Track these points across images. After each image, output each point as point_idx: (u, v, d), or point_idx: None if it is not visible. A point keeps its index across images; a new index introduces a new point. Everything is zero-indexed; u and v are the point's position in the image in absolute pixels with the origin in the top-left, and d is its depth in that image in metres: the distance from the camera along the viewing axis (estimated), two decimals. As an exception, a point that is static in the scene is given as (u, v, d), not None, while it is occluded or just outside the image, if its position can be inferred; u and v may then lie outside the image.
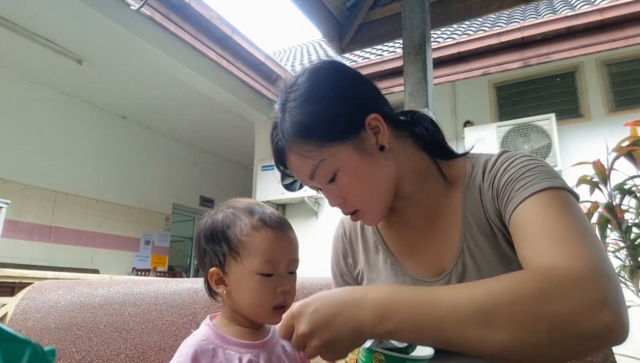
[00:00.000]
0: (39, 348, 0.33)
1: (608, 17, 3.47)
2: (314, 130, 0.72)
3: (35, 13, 3.91)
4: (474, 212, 0.74)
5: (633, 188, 1.65)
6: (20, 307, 1.13)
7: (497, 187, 0.70)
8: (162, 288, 1.17)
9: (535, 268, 0.56)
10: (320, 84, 0.76)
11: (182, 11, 3.51)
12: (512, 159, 0.71)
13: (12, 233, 4.65)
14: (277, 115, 0.78)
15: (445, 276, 0.74)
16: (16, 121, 4.86)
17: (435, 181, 0.80)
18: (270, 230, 0.73)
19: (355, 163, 0.73)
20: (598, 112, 3.85)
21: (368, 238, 0.88)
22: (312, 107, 0.73)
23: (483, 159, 0.78)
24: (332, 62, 0.82)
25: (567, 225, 0.58)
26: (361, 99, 0.77)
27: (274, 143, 0.77)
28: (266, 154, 5.12)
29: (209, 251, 0.75)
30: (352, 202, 0.76)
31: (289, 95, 0.77)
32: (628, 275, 1.67)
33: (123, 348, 1.05)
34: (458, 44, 4.01)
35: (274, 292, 0.71)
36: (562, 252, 0.54)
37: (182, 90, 5.03)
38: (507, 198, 0.67)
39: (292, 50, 7.98)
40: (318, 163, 0.72)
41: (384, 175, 0.76)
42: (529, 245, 0.60)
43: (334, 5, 2.43)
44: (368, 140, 0.74)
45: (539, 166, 0.67)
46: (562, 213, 0.60)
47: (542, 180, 0.64)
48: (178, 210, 6.97)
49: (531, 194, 0.63)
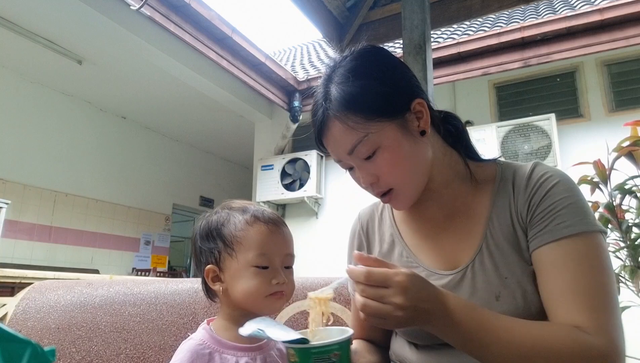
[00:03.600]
0: (39, 348, 0.33)
1: (608, 17, 3.46)
2: (363, 103, 0.72)
3: (35, 13, 3.91)
4: (499, 215, 0.76)
5: (633, 188, 1.64)
6: (20, 307, 1.13)
7: (534, 209, 0.72)
8: (162, 288, 1.17)
9: (573, 331, 0.63)
10: (371, 62, 0.78)
11: (182, 11, 3.51)
12: (552, 182, 0.73)
13: (12, 233, 4.65)
14: (320, 89, 0.78)
15: (460, 270, 0.76)
16: (16, 121, 4.86)
17: (462, 179, 0.82)
18: (264, 224, 0.75)
19: (399, 142, 0.74)
20: (598, 112, 3.84)
21: (385, 232, 0.90)
22: (362, 81, 0.74)
23: (513, 167, 0.80)
24: (379, 46, 0.84)
25: (595, 285, 0.66)
26: (408, 82, 0.79)
27: (317, 114, 0.77)
28: (266, 154, 5.12)
29: (205, 250, 0.77)
30: (388, 181, 0.77)
31: (336, 70, 0.77)
32: (628, 275, 1.67)
33: (123, 348, 1.05)
34: (458, 44, 4.01)
35: (269, 283, 0.72)
36: (595, 321, 0.63)
37: (182, 90, 5.03)
38: (542, 228, 0.70)
39: (292, 50, 7.97)
40: (362, 137, 0.73)
41: (423, 159, 0.77)
42: (560, 290, 0.67)
43: (334, 5, 2.43)
44: (412, 122, 0.76)
45: (577, 201, 0.71)
46: (593, 267, 0.66)
47: (579, 221, 0.69)
48: (178, 210, 6.97)
49: (568, 236, 0.68)
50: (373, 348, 0.85)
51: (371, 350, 0.84)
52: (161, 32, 3.56)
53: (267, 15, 49.23)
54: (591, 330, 0.63)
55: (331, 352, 0.61)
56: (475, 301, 0.72)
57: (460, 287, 0.74)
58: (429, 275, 0.78)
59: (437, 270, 0.78)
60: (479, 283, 0.73)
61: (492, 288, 0.72)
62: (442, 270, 0.78)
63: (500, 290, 0.71)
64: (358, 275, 0.61)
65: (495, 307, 0.70)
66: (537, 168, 0.76)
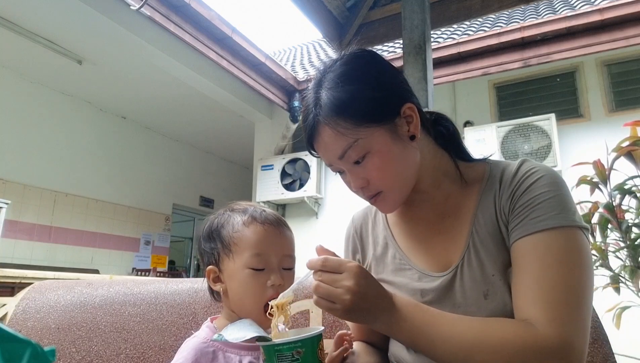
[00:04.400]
0: (39, 348, 0.33)
1: (608, 17, 3.46)
2: (353, 109, 0.73)
3: (35, 13, 3.91)
4: (484, 212, 0.76)
5: (633, 188, 1.65)
6: (20, 307, 1.13)
7: (515, 203, 0.73)
8: (162, 288, 1.17)
9: (520, 324, 0.64)
10: (361, 67, 0.77)
11: (182, 11, 3.51)
12: (535, 178, 0.73)
13: (12, 233, 4.65)
14: (310, 94, 0.78)
15: (451, 271, 0.76)
16: (16, 121, 4.86)
17: (452, 180, 0.82)
18: (260, 225, 0.75)
19: (388, 147, 0.74)
20: (598, 112, 3.85)
21: (378, 235, 0.90)
22: (352, 86, 0.74)
23: (502, 165, 0.80)
24: (369, 50, 0.83)
25: (558, 280, 0.64)
26: (398, 87, 0.79)
27: (308, 119, 0.77)
28: (266, 154, 5.12)
29: (207, 251, 0.77)
30: (376, 185, 0.77)
31: (325, 75, 0.77)
32: (628, 275, 1.67)
33: (123, 348, 1.05)
34: (458, 44, 4.01)
35: (263, 285, 0.72)
36: (548, 314, 0.62)
37: (182, 90, 5.03)
38: (519, 222, 0.70)
39: (292, 50, 7.97)
40: (352, 142, 0.73)
41: (411, 163, 0.78)
42: (524, 285, 0.67)
43: (334, 5, 2.43)
44: (401, 127, 0.76)
45: (557, 196, 0.70)
46: (561, 262, 0.65)
47: (556, 215, 0.68)
48: (178, 210, 6.97)
49: (541, 230, 0.67)
50: (372, 350, 0.85)
51: (370, 351, 0.84)
52: (161, 32, 3.56)
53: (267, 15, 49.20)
54: (541, 323, 0.62)
55: (294, 348, 0.63)
56: (465, 300, 0.73)
57: (452, 288, 0.75)
58: (421, 277, 0.79)
59: (429, 271, 0.79)
60: (468, 282, 0.73)
61: (479, 286, 0.72)
62: (434, 272, 0.78)
63: (488, 288, 0.72)
64: (315, 262, 0.66)
65: (484, 305, 0.71)
66: (525, 164, 0.76)
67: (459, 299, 0.74)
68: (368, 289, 0.65)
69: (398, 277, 0.82)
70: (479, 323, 0.65)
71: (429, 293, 0.77)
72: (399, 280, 0.82)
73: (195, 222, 7.63)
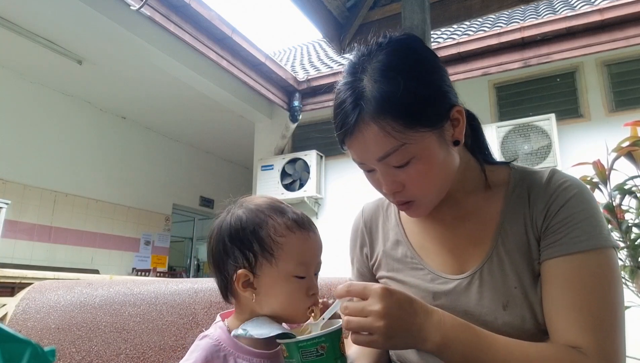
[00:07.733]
0: (39, 348, 0.33)
1: (608, 17, 3.46)
2: (406, 109, 0.65)
3: (35, 13, 3.91)
4: (512, 221, 0.73)
5: (633, 188, 1.65)
6: (20, 307, 1.13)
7: (550, 219, 0.70)
8: (162, 288, 1.17)
9: (573, 352, 0.62)
10: (412, 58, 0.69)
11: (182, 11, 3.51)
12: (571, 193, 0.70)
13: (12, 234, 4.65)
14: (349, 80, 0.70)
15: (468, 276, 0.73)
16: (16, 121, 4.86)
17: (476, 182, 0.79)
18: (305, 232, 0.71)
19: (436, 154, 0.68)
20: (598, 112, 3.84)
21: (389, 230, 0.87)
22: (405, 82, 0.65)
23: (529, 172, 0.77)
24: (416, 37, 0.74)
25: (601, 303, 0.64)
26: (449, 86, 0.72)
27: (346, 111, 0.67)
28: (266, 154, 5.12)
29: (236, 251, 0.69)
30: (413, 192, 0.72)
31: (369, 63, 0.69)
32: (628, 275, 1.67)
33: (123, 348, 1.05)
34: (458, 44, 4.01)
35: (306, 294, 0.69)
36: (591, 340, 0.62)
37: (182, 90, 5.03)
38: (556, 240, 0.68)
39: (292, 50, 7.97)
40: (399, 146, 0.66)
41: (452, 170, 0.74)
42: (566, 307, 0.65)
43: (334, 5, 2.43)
44: (448, 131, 0.70)
45: (594, 215, 0.68)
46: (601, 285, 0.65)
47: (594, 237, 0.67)
48: (178, 211, 6.96)
49: (580, 251, 0.66)
50: (372, 350, 0.84)
51: (372, 351, 0.83)
52: (161, 32, 3.56)
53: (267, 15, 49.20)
54: (591, 353, 0.61)
55: (318, 344, 0.62)
56: (481, 309, 0.70)
57: (467, 293, 0.72)
58: (434, 279, 0.76)
59: (443, 273, 0.76)
60: (487, 290, 0.71)
61: (499, 296, 0.70)
62: (448, 274, 0.75)
63: (508, 300, 0.69)
64: (340, 290, 0.63)
65: (501, 317, 0.68)
66: (556, 175, 0.73)
67: (473, 306, 0.71)
68: (400, 311, 0.60)
69: (408, 277, 0.80)
70: (535, 350, 0.63)
71: (441, 297, 0.74)
72: (410, 280, 0.79)
73: (195, 222, 7.63)
